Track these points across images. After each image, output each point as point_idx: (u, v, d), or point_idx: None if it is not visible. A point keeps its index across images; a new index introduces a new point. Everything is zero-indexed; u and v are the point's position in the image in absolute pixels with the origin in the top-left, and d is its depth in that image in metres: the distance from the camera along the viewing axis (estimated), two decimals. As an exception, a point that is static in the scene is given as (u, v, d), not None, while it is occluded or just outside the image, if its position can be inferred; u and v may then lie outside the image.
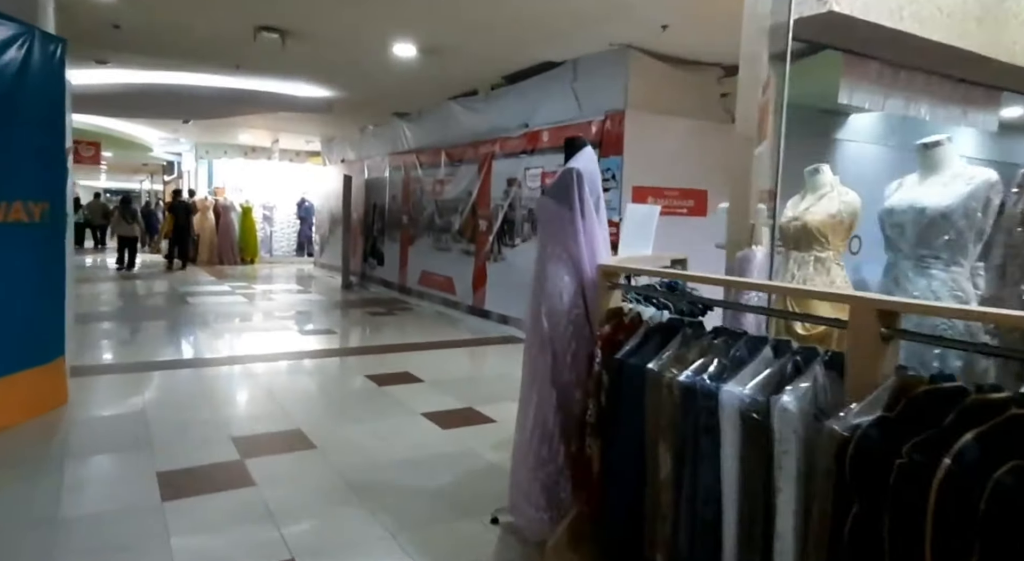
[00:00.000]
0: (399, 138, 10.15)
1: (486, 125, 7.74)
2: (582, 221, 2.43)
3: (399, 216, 10.14)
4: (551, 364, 2.41)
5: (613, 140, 5.71)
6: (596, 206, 2.51)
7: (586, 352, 2.39)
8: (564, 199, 2.45)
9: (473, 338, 6.97)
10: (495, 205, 7.60)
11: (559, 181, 2.50)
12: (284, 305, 8.97)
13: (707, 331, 1.97)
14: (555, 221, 2.48)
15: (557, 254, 2.47)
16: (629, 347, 2.02)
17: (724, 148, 6.28)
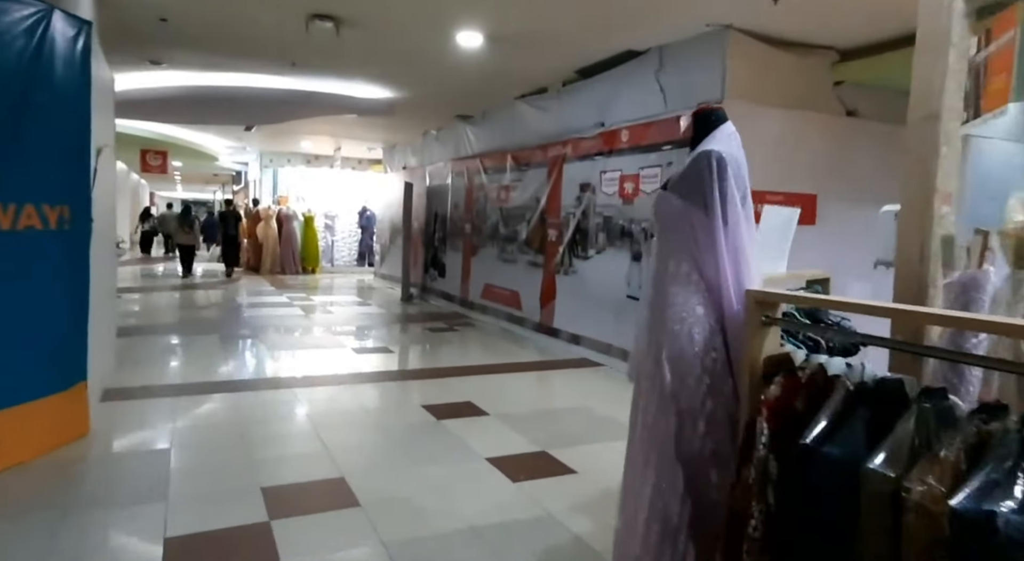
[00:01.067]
0: (462, 142, 9.61)
1: (557, 125, 7.06)
2: (723, 228, 1.70)
3: (461, 225, 9.59)
4: (675, 431, 1.68)
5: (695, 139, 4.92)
6: (743, 206, 1.77)
7: (727, 414, 1.66)
8: (697, 196, 1.73)
9: (541, 360, 6.26)
10: (566, 213, 6.90)
11: (690, 171, 1.78)
12: (340, 319, 8.53)
13: (958, 406, 1.20)
14: (682, 227, 1.76)
15: (684, 274, 1.74)
16: (821, 426, 1.27)
17: (837, 145, 5.40)
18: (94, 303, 3.73)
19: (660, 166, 5.44)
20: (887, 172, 5.45)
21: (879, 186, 5.42)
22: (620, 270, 5.94)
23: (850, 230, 5.07)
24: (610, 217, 6.16)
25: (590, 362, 6.12)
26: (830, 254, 4.49)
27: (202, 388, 4.72)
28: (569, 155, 6.86)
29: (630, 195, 5.84)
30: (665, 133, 5.38)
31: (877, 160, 5.31)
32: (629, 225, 5.85)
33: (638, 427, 1.78)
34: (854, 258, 5.29)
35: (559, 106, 7.04)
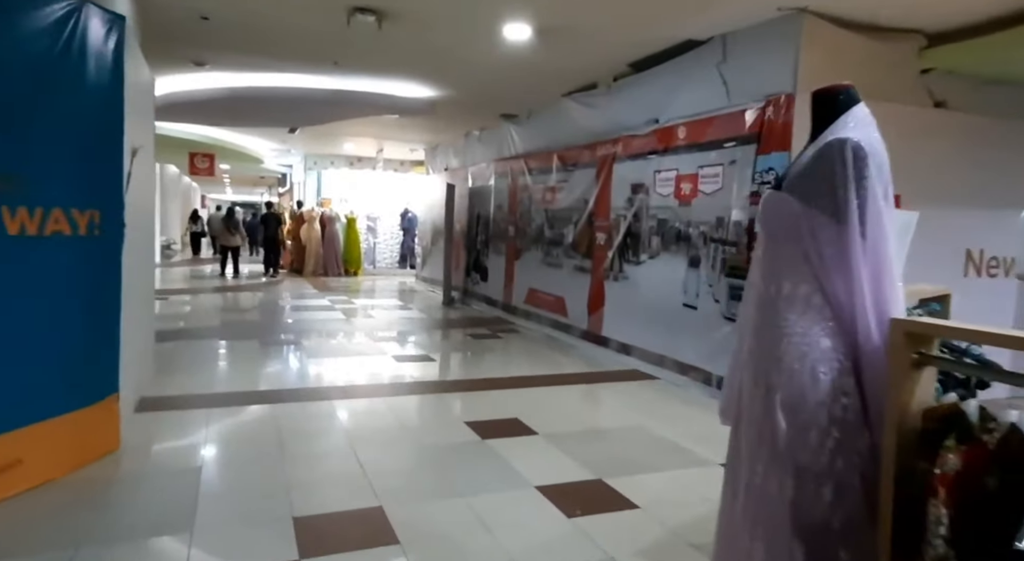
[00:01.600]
0: (506, 142, 9.33)
1: (607, 123, 6.70)
2: (861, 240, 1.34)
3: (505, 227, 9.30)
4: (792, 497, 1.33)
5: (777, 132, 4.50)
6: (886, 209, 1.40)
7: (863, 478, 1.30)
8: (824, 198, 1.37)
9: (590, 371, 5.91)
10: (616, 215, 6.53)
11: (815, 165, 1.42)
12: (382, 323, 8.34)
13: None
14: (801, 237, 1.40)
15: (803, 297, 1.39)
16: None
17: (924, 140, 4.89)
18: (130, 310, 3.57)
19: (721, 164, 5.03)
20: (980, 170, 4.93)
21: (971, 186, 4.91)
22: (675, 277, 5.54)
23: (938, 235, 4.57)
24: (665, 220, 5.77)
25: (642, 374, 5.74)
26: (917, 262, 4.03)
27: (238, 398, 4.54)
28: (620, 154, 6.49)
29: (687, 196, 5.45)
30: (727, 129, 4.97)
31: (969, 157, 4.80)
32: (686, 228, 5.45)
33: (740, 489, 1.43)
34: (943, 266, 4.79)
35: (609, 102, 6.68)
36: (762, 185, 4.59)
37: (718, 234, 5.06)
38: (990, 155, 4.89)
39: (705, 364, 5.15)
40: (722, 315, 4.98)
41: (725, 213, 4.97)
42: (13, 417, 2.79)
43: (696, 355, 5.27)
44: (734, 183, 4.89)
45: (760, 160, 4.62)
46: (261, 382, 5.12)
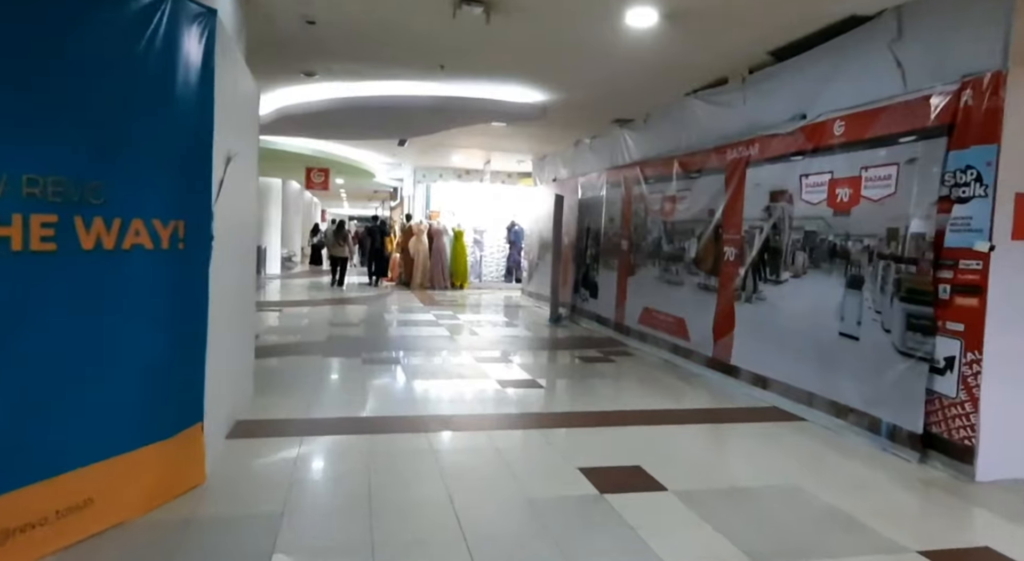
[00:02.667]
0: (619, 150, 8.68)
1: (739, 123, 5.90)
2: None
3: (617, 241, 8.63)
4: None
5: (978, 121, 3.56)
6: None
7: None
8: None
9: (719, 407, 5.12)
10: (749, 227, 5.70)
11: None
12: (486, 342, 7.92)
13: None
14: None
15: None
16: None
17: None
18: (224, 328, 3.31)
19: (895, 164, 4.12)
20: None
21: None
22: (829, 300, 4.65)
23: None
24: (813, 232, 4.89)
25: (784, 414, 4.87)
26: None
27: (334, 425, 4.22)
28: (755, 157, 5.67)
29: (845, 204, 4.56)
30: (903, 121, 4.07)
31: None
32: (844, 242, 4.56)
33: None
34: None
35: (742, 99, 5.87)
36: (956, 187, 3.66)
37: (889, 249, 4.14)
38: None
39: (871, 408, 4.23)
40: (895, 349, 4.05)
41: (899, 223, 4.06)
42: (83, 452, 2.52)
43: (858, 396, 4.36)
44: (913, 186, 3.97)
45: (953, 157, 3.69)
46: (358, 407, 4.79)
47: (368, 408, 4.76)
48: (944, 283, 3.73)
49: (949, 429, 3.68)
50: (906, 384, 3.94)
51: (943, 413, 3.72)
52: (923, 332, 3.85)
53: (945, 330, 3.72)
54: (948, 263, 3.71)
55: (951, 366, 3.67)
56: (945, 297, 3.72)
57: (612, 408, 5.01)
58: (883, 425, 4.13)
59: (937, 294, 3.77)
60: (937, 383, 3.76)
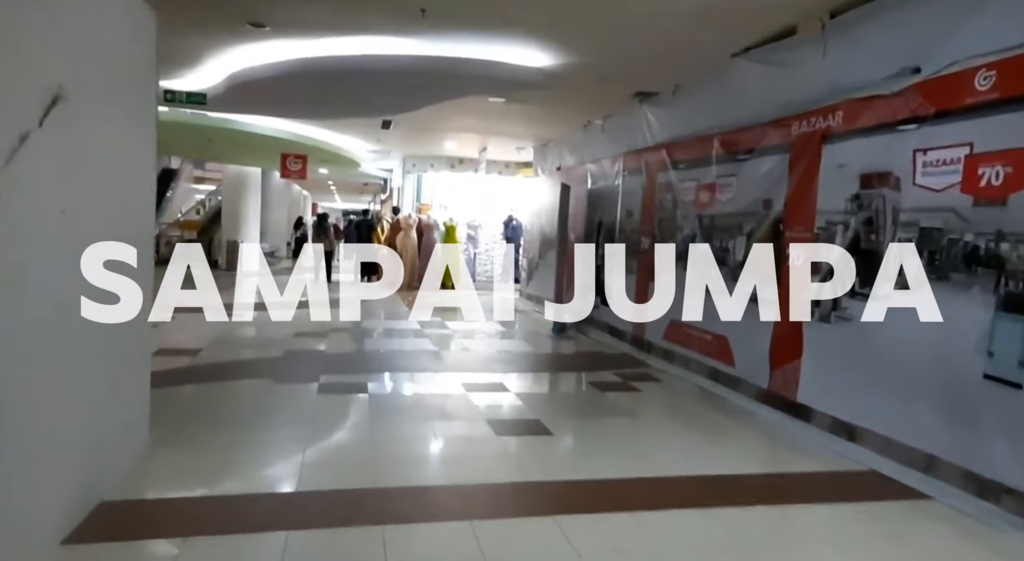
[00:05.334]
0: (639, 131, 7.25)
1: (813, 84, 4.47)
2: None
3: (636, 238, 7.21)
4: None
5: None
6: None
7: None
8: None
9: (784, 470, 3.70)
10: (827, 222, 4.30)
11: None
12: (477, 361, 6.49)
13: None
14: None
15: None
16: None
17: None
18: (63, 356, 1.91)
19: (1098, 128, 2.71)
20: None
21: None
22: (966, 325, 3.25)
23: None
24: (937, 229, 3.48)
25: (890, 484, 3.47)
26: None
27: (247, 512, 2.80)
28: (837, 128, 4.25)
29: (997, 190, 3.14)
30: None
31: None
32: (992, 244, 3.15)
33: None
34: None
35: (821, 52, 4.44)
36: None
37: (1087, 256, 2.73)
38: None
39: (1047, 492, 2.83)
40: (1096, 408, 2.65)
41: (1109, 217, 2.65)
42: None
43: (1021, 471, 2.95)
44: None
45: None
46: (291, 472, 3.37)
47: (306, 476, 3.34)
48: None
49: None
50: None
51: None
52: None
53: None
54: None
55: None
56: None
57: (649, 471, 3.58)
58: (1071, 522, 2.73)
59: None
60: None
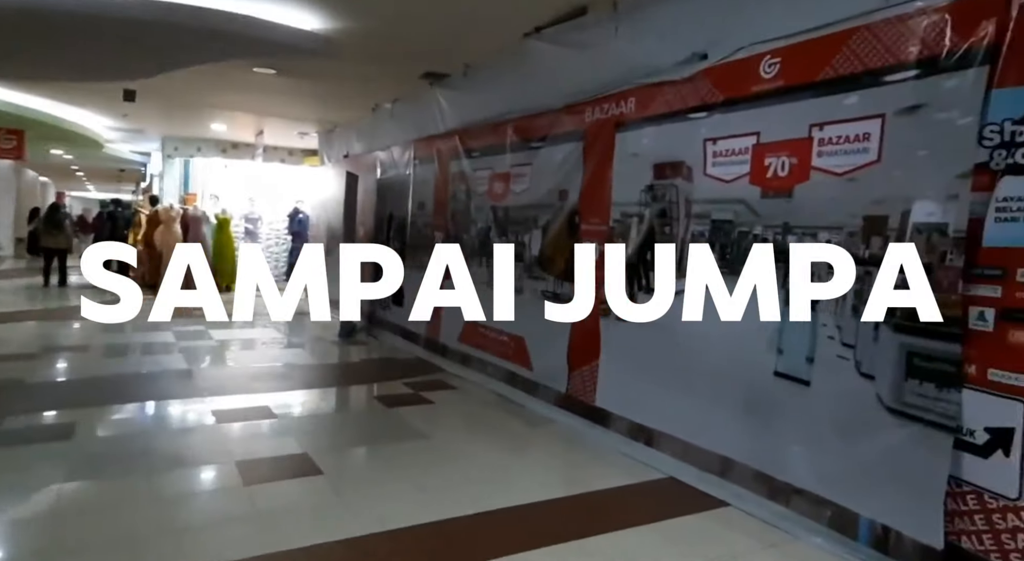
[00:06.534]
0: (430, 115, 6.65)
1: (606, 68, 4.20)
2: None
3: (429, 233, 6.60)
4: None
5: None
6: None
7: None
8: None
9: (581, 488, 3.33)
10: (622, 214, 4.05)
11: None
12: (243, 378, 5.37)
13: None
14: None
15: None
16: None
17: None
18: None
19: (879, 117, 2.63)
20: None
21: None
22: (756, 320, 3.11)
23: None
24: (727, 222, 3.33)
25: (688, 492, 3.26)
26: None
27: None
28: (630, 116, 4.02)
29: (783, 181, 3.03)
30: (893, 47, 2.59)
31: None
32: (781, 237, 3.04)
33: None
34: None
35: (612, 33, 4.17)
36: (1006, 149, 2.22)
37: (870, 249, 2.66)
38: None
39: (835, 493, 2.73)
40: (882, 404, 2.57)
41: (889, 209, 2.58)
42: None
43: (811, 472, 2.85)
44: (915, 151, 2.51)
45: (1000, 99, 2.25)
46: None
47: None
48: (984, 305, 2.29)
49: (1005, 552, 2.24)
50: (908, 463, 2.47)
51: (991, 523, 2.28)
52: (940, 382, 2.40)
53: (988, 383, 2.28)
54: (990, 273, 2.27)
55: (1003, 443, 2.24)
56: (986, 328, 2.28)
57: (439, 512, 2.94)
58: (861, 525, 2.64)
59: (967, 322, 2.33)
60: (974, 469, 2.32)
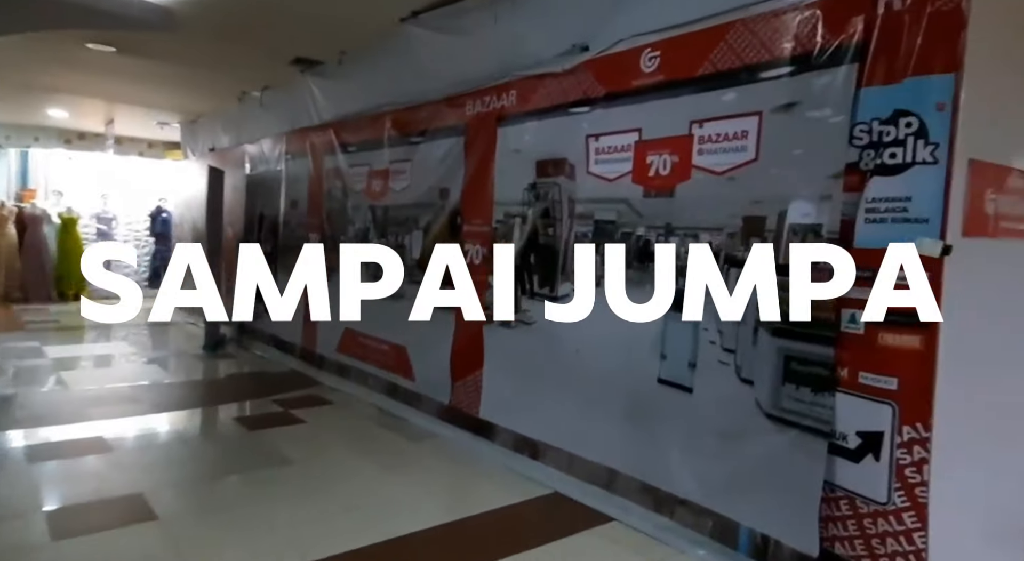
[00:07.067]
0: (303, 106, 6.14)
1: (486, 58, 3.96)
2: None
3: (303, 233, 6.09)
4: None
5: (919, 34, 2.13)
6: None
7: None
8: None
9: (465, 510, 3.08)
10: (506, 214, 3.84)
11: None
12: (79, 403, 4.63)
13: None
14: None
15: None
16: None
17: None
18: None
19: (756, 114, 2.56)
20: None
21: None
22: (640, 326, 2.99)
23: None
24: (611, 222, 3.20)
25: (575, 507, 3.09)
26: None
27: None
28: (511, 109, 3.81)
29: (664, 179, 2.92)
30: (769, 43, 2.53)
31: None
32: (663, 238, 2.93)
33: None
34: None
35: (487, 24, 3.93)
36: (876, 149, 2.20)
37: (748, 252, 2.59)
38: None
39: (716, 503, 2.65)
40: (761, 410, 2.51)
41: (767, 209, 2.52)
42: None
43: (693, 481, 2.75)
44: (791, 149, 2.46)
45: (870, 98, 2.22)
46: None
47: None
48: (855, 307, 2.26)
49: (875, 557, 2.21)
50: (785, 471, 2.41)
51: (862, 527, 2.25)
52: (815, 386, 2.35)
53: (859, 386, 2.25)
54: (863, 275, 2.24)
55: (874, 447, 2.21)
56: (857, 331, 2.25)
57: (312, 552, 2.56)
58: (741, 534, 2.57)
59: (839, 325, 2.29)
60: (847, 474, 2.28)
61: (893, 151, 2.14)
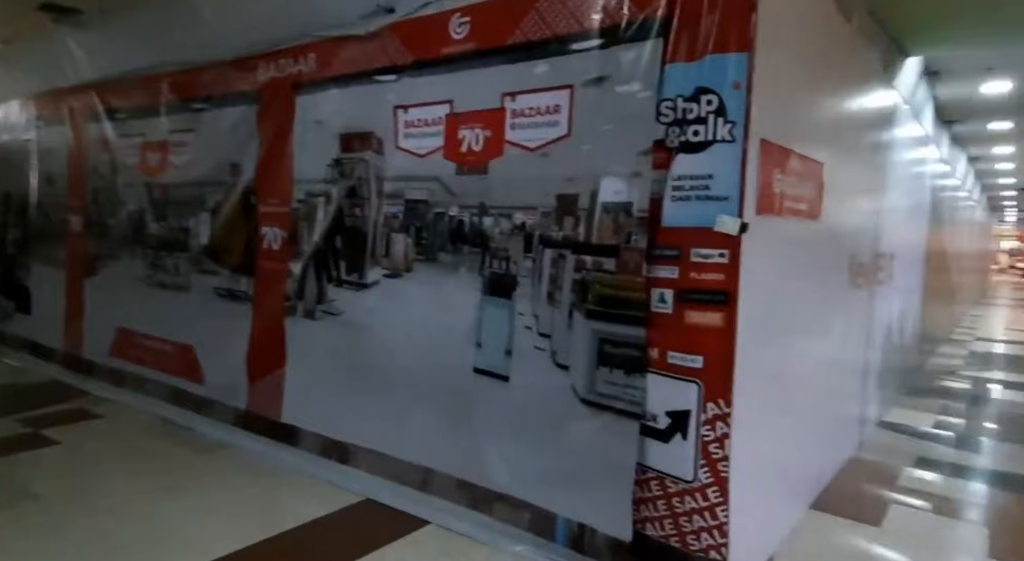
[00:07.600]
0: (57, 63, 5.06)
1: (280, 14, 3.48)
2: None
3: (62, 216, 5.06)
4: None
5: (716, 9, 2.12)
6: None
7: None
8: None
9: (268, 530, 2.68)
10: (307, 194, 3.41)
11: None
12: None
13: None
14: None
15: None
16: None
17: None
18: None
19: (568, 87, 2.44)
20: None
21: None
22: (455, 313, 2.79)
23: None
24: (421, 201, 2.94)
25: (387, 514, 2.82)
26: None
27: None
28: (310, 75, 3.38)
29: (473, 156, 2.73)
30: (578, 13, 2.42)
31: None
32: (477, 218, 2.74)
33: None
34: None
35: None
36: (680, 126, 2.17)
37: (563, 231, 2.48)
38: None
39: (533, 495, 2.54)
40: (576, 395, 2.42)
41: (580, 187, 2.42)
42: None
43: (511, 475, 2.61)
44: (603, 124, 2.37)
45: (675, 74, 2.19)
46: None
47: None
48: (664, 287, 2.23)
49: (683, 534, 2.22)
50: (599, 456, 2.35)
51: (671, 507, 2.24)
52: (628, 368, 2.31)
53: (668, 366, 2.23)
54: (668, 253, 2.22)
55: (682, 426, 2.21)
56: (665, 310, 2.23)
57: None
58: (559, 525, 2.48)
59: (650, 305, 2.26)
60: (658, 455, 2.26)
61: (696, 128, 2.13)
